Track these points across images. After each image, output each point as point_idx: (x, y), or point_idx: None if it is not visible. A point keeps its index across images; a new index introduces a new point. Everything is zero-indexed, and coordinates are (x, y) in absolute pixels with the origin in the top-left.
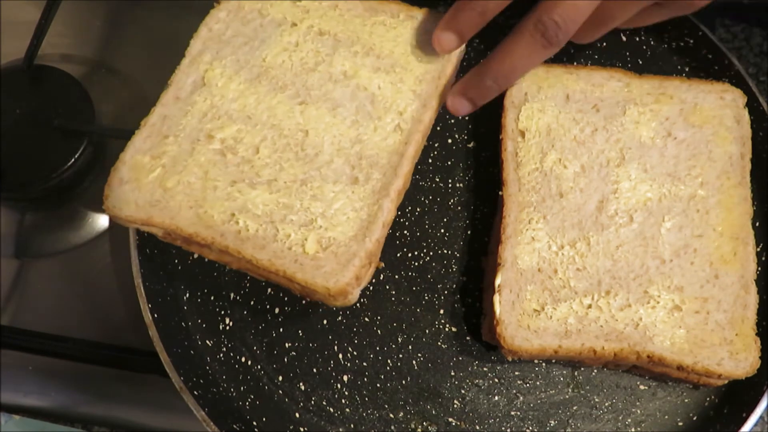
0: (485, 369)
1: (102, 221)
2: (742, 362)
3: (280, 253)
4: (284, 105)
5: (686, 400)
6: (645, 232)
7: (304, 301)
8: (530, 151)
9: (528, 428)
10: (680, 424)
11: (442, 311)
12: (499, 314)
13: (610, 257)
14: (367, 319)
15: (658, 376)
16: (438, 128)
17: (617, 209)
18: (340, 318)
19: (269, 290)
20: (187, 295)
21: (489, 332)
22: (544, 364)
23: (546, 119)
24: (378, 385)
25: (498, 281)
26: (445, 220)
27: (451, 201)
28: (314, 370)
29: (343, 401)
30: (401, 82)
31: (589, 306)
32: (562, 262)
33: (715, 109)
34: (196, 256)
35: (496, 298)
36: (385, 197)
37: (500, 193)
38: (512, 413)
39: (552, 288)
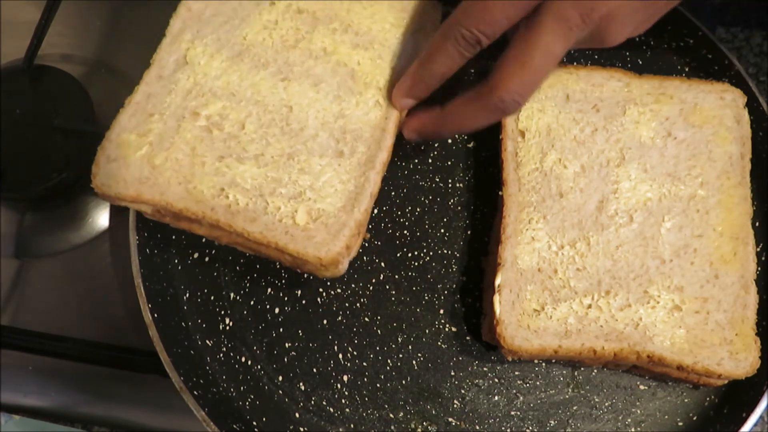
0: (485, 369)
1: (102, 221)
2: (742, 362)
3: (271, 226)
4: (267, 81)
5: (686, 400)
6: (645, 232)
7: (304, 301)
8: (530, 151)
9: (528, 428)
10: (680, 424)
11: (442, 311)
12: (499, 314)
13: (610, 257)
14: (367, 319)
15: (658, 375)
16: None
17: (617, 209)
18: (340, 318)
19: (269, 290)
20: (187, 295)
21: (489, 332)
22: (544, 364)
23: (546, 119)
24: (378, 385)
25: (498, 281)
26: (445, 220)
27: (451, 201)
28: (314, 370)
29: (343, 401)
30: (380, 58)
31: (589, 306)
32: (562, 262)
33: (715, 109)
34: (196, 255)
35: (496, 298)
36: (371, 169)
37: (500, 193)
38: (512, 413)
39: (552, 288)
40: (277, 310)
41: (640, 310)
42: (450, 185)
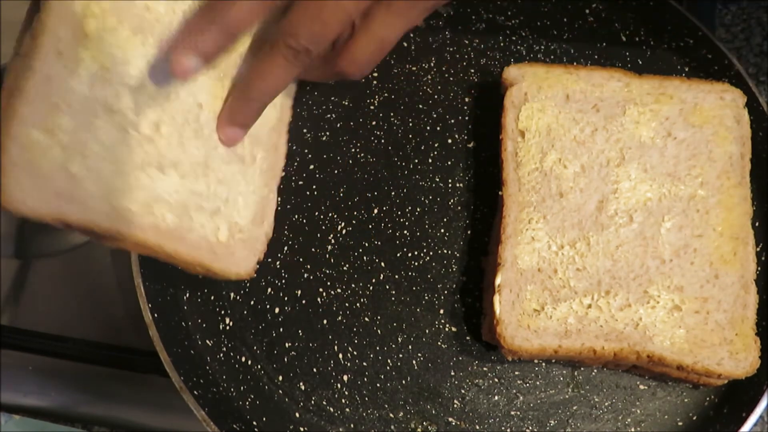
0: (485, 369)
1: None
2: (742, 362)
3: (197, 244)
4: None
5: (686, 400)
6: (645, 232)
7: (304, 301)
8: (530, 151)
9: (528, 428)
10: (680, 424)
11: (442, 311)
12: (499, 314)
13: (610, 257)
14: (367, 319)
15: (658, 375)
16: (438, 128)
17: (617, 209)
18: (340, 318)
19: (269, 290)
20: (187, 295)
21: (489, 332)
22: (544, 364)
23: (546, 119)
24: (378, 385)
25: (498, 281)
26: (445, 220)
27: (451, 201)
28: (314, 370)
29: (343, 401)
30: None
31: (589, 306)
32: (562, 262)
33: (715, 109)
34: None
35: (496, 298)
36: (273, 179)
37: (500, 193)
38: (512, 413)
39: (552, 288)
40: (277, 310)
41: (640, 310)
42: (450, 185)
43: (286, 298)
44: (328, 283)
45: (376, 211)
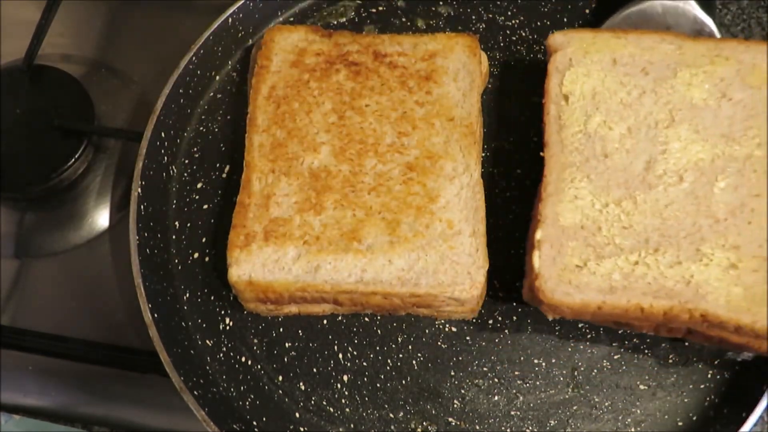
0: (485, 369)
1: (102, 221)
2: None
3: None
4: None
5: (686, 400)
6: (696, 191)
7: None
8: (574, 113)
9: (528, 428)
10: (680, 424)
11: None
12: (539, 268)
13: (659, 215)
14: (367, 319)
15: (717, 343)
16: None
17: (666, 169)
18: (340, 318)
19: None
20: (187, 295)
21: (529, 291)
22: (544, 364)
23: (591, 83)
24: (378, 385)
25: (538, 236)
26: None
27: None
28: (314, 370)
29: (343, 401)
30: None
31: (636, 262)
32: (606, 220)
33: None
34: (196, 256)
35: (536, 253)
36: None
37: (542, 154)
38: (512, 413)
39: (596, 244)
40: None
41: (692, 267)
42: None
43: None
44: None
45: None
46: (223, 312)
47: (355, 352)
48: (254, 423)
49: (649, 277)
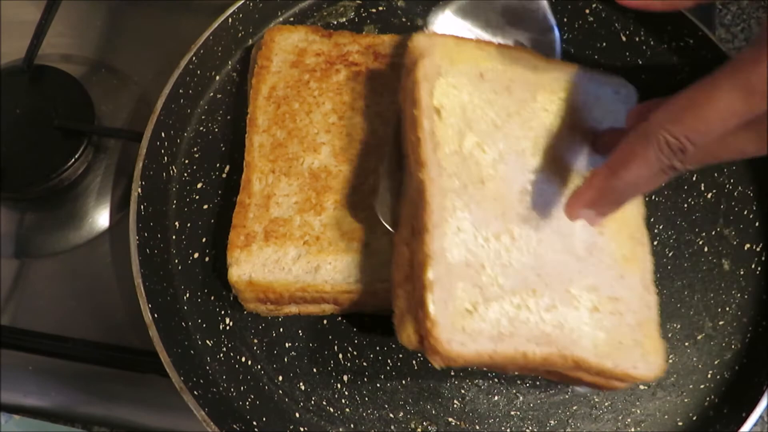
0: (485, 369)
1: (102, 221)
2: (652, 364)
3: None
4: None
5: (686, 400)
6: (561, 228)
7: None
8: (448, 131)
9: (528, 428)
10: (680, 424)
11: None
12: (434, 314)
13: (533, 253)
14: (367, 318)
15: (571, 382)
16: None
17: (534, 201)
18: (340, 318)
19: None
20: (187, 295)
21: (414, 335)
22: None
23: (461, 97)
24: (378, 385)
25: (430, 276)
26: None
27: None
28: (314, 370)
29: (343, 401)
30: None
31: (519, 306)
32: (488, 257)
33: (613, 103)
34: (196, 256)
35: (429, 295)
36: None
37: (420, 175)
38: (512, 413)
39: (482, 285)
40: None
41: (564, 311)
42: None
43: None
44: None
45: None
46: (223, 312)
47: (355, 352)
48: (254, 423)
49: (531, 323)
